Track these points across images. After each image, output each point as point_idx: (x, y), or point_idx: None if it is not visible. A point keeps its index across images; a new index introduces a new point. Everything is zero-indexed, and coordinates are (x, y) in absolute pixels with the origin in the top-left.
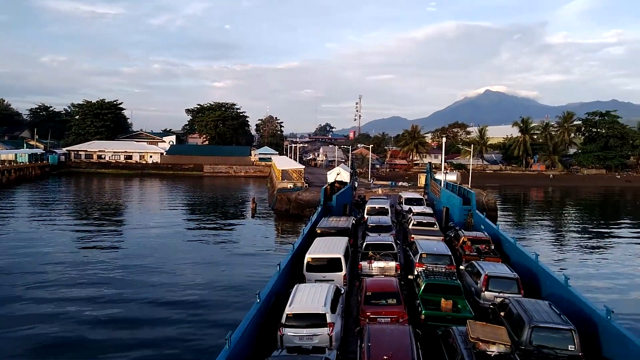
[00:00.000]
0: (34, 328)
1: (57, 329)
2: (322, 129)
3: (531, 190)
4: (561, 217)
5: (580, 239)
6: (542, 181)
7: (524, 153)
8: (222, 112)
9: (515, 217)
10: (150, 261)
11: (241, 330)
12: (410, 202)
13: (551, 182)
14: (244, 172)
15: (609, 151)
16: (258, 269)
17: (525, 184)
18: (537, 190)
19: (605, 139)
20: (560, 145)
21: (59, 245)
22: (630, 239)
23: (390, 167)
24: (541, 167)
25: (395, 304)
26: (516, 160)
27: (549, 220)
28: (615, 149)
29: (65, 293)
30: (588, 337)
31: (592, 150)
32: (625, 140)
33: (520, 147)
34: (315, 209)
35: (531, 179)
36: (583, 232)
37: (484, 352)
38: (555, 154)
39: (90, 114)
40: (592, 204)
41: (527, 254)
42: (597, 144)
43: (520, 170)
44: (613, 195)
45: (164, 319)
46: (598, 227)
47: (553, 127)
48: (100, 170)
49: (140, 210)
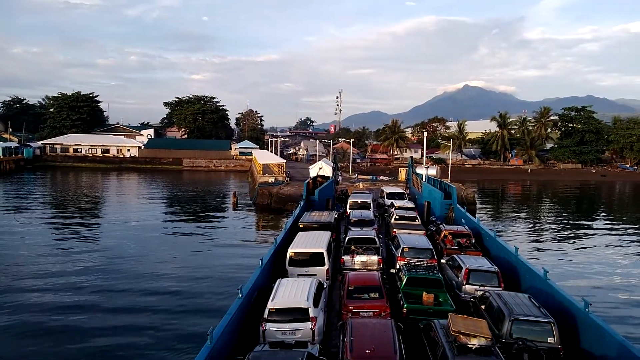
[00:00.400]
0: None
1: (31, 320)
2: (302, 123)
3: (509, 184)
4: (538, 210)
5: (557, 232)
6: (520, 175)
7: (502, 148)
8: (201, 105)
9: (494, 211)
10: (129, 255)
11: (223, 326)
12: (393, 197)
13: (529, 176)
14: (224, 167)
15: (584, 146)
16: (240, 262)
17: (504, 178)
18: (515, 185)
19: (581, 134)
20: (538, 140)
21: (34, 239)
22: (605, 230)
23: (371, 161)
24: (519, 161)
25: (377, 298)
26: (494, 154)
27: (526, 214)
28: (590, 143)
29: (38, 286)
30: (567, 329)
31: (568, 145)
32: (600, 135)
33: (499, 141)
34: (297, 203)
35: (509, 173)
36: (560, 224)
37: (465, 345)
38: (533, 148)
39: (65, 106)
40: (568, 197)
41: (507, 248)
42: (573, 139)
43: (499, 165)
44: (589, 189)
45: (142, 314)
46: (574, 220)
47: (530, 122)
48: (76, 164)
49: (118, 204)
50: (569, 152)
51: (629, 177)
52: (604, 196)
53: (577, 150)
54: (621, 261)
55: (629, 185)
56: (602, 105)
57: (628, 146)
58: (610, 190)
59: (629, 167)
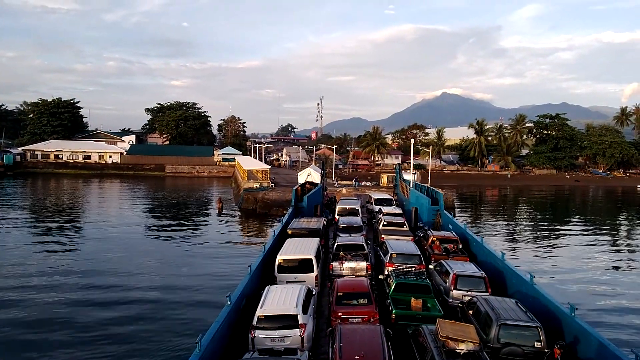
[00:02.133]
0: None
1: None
2: (284, 130)
3: (487, 189)
4: (516, 214)
5: (533, 234)
6: (497, 181)
7: (479, 154)
8: (183, 111)
9: (472, 214)
10: (112, 261)
11: (212, 333)
12: (381, 203)
13: (507, 181)
14: (207, 172)
15: (558, 152)
16: (227, 268)
17: (481, 184)
18: (492, 190)
19: (555, 140)
20: (514, 147)
21: (14, 246)
22: (580, 233)
23: (353, 167)
24: (495, 167)
25: (366, 304)
26: (472, 160)
27: (504, 218)
28: (564, 150)
29: (17, 295)
30: (553, 333)
31: (543, 151)
32: (574, 141)
33: (476, 148)
34: (282, 208)
35: (487, 179)
36: (535, 227)
37: (454, 350)
38: (509, 154)
39: (46, 112)
40: (544, 201)
41: (494, 253)
42: (548, 145)
43: (476, 171)
44: (563, 194)
45: (129, 322)
46: (550, 223)
47: (506, 129)
48: (58, 170)
49: (101, 210)
50: (543, 158)
51: (602, 182)
52: (577, 201)
53: (552, 156)
54: (594, 263)
55: (602, 190)
56: (576, 113)
57: (600, 152)
58: (583, 194)
59: (601, 173)
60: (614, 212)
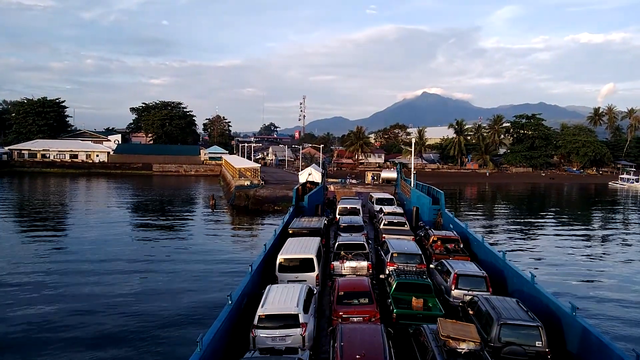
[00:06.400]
0: None
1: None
2: (266, 129)
3: (466, 186)
4: (494, 210)
5: (509, 227)
6: (476, 179)
7: (459, 153)
8: (168, 111)
9: (454, 211)
10: (110, 259)
11: (213, 332)
12: (381, 202)
13: (486, 179)
14: (194, 171)
15: (534, 151)
16: (224, 266)
17: (461, 181)
18: (471, 187)
19: (531, 140)
20: (492, 146)
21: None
22: (555, 227)
23: (338, 166)
24: (474, 165)
25: (367, 304)
26: (452, 159)
27: (482, 213)
28: (540, 149)
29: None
30: (554, 333)
31: (519, 150)
32: (549, 141)
33: (456, 147)
34: (273, 205)
35: (466, 177)
36: (512, 222)
37: (455, 350)
38: (487, 153)
39: (31, 112)
40: (521, 198)
41: (495, 252)
42: (524, 145)
43: (456, 169)
44: (539, 191)
45: (129, 322)
46: (528, 218)
47: (485, 129)
48: (45, 169)
49: (92, 208)
50: (520, 156)
51: (576, 180)
52: (553, 197)
53: (528, 155)
54: (570, 252)
55: (576, 187)
56: (553, 112)
57: (574, 151)
58: (558, 191)
59: (575, 171)
60: (587, 207)
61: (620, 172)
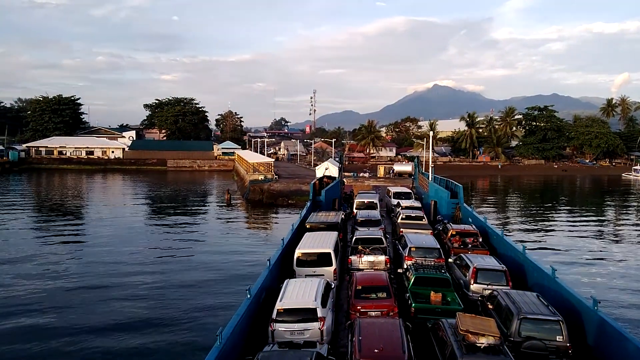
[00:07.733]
0: None
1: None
2: (277, 123)
3: (478, 179)
4: (506, 202)
5: (526, 221)
6: (488, 171)
7: (470, 145)
8: (181, 107)
9: (465, 202)
10: (130, 252)
11: (232, 326)
12: (399, 196)
13: (498, 171)
14: (207, 167)
15: (547, 143)
16: (243, 256)
17: (473, 174)
18: (483, 180)
19: (543, 131)
20: (503, 138)
21: (17, 245)
22: (570, 218)
23: (349, 159)
24: (486, 158)
25: (385, 298)
26: (464, 152)
27: (494, 206)
28: (552, 140)
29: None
30: (575, 327)
31: (531, 142)
32: (562, 132)
33: (467, 140)
34: (286, 198)
35: (478, 169)
36: (527, 215)
37: (474, 344)
38: (499, 146)
39: (47, 109)
40: (534, 190)
41: (514, 246)
42: (536, 137)
43: (468, 162)
44: (552, 183)
45: (149, 315)
46: (541, 210)
47: (497, 121)
48: (62, 166)
49: (109, 204)
50: (532, 149)
51: (588, 172)
52: (566, 189)
53: (540, 147)
54: (584, 244)
55: (588, 179)
56: (567, 103)
57: (587, 143)
58: (571, 183)
59: (588, 162)
60: (600, 200)
61: (633, 164)
